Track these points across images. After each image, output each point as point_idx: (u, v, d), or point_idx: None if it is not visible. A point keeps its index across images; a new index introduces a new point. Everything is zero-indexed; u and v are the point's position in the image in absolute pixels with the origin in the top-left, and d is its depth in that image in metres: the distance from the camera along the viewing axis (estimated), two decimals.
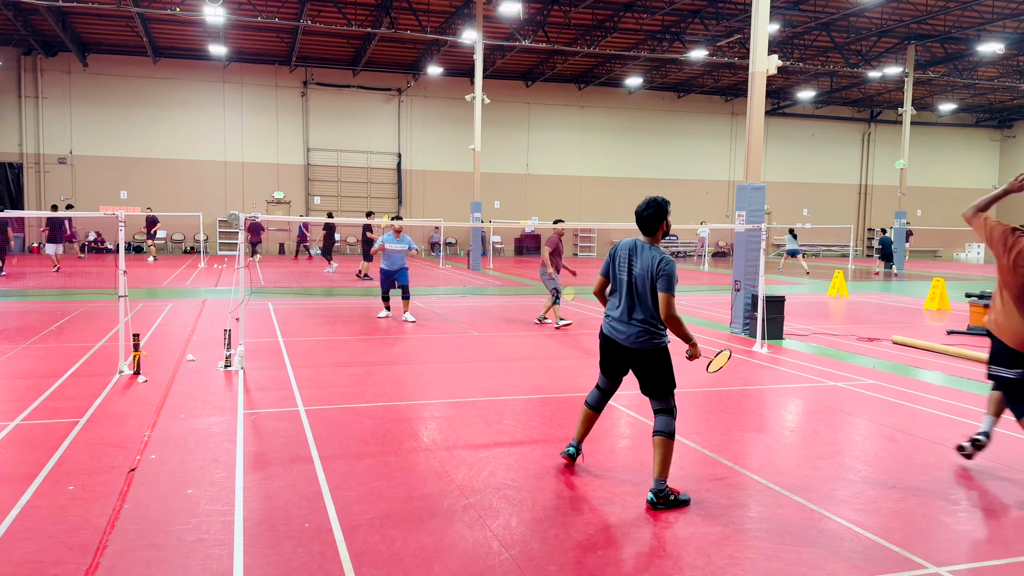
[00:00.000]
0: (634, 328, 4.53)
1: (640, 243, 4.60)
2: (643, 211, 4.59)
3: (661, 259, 4.45)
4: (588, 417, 5.01)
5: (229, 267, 22.64)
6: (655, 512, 4.38)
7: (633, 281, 4.53)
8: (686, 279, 22.27)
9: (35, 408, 6.39)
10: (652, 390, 4.59)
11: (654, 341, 4.52)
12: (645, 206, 4.60)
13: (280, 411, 6.47)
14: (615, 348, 4.67)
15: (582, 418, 5.03)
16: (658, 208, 4.56)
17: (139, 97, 29.37)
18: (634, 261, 4.55)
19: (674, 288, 4.45)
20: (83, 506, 4.31)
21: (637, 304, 4.52)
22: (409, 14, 23.99)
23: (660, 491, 4.42)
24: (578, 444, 5.10)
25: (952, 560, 3.86)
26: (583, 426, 5.04)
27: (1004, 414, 5.25)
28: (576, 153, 34.97)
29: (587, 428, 5.05)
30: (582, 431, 5.06)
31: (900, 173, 29.03)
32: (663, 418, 4.54)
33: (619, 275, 4.63)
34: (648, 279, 4.47)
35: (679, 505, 4.46)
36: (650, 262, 4.47)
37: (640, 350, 4.54)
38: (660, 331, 4.54)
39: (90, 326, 10.81)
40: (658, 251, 4.51)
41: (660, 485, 4.43)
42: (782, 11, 23.17)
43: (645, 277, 4.48)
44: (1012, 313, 4.84)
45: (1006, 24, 24.74)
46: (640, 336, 4.52)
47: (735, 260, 11.73)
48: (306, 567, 3.64)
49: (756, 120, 11.50)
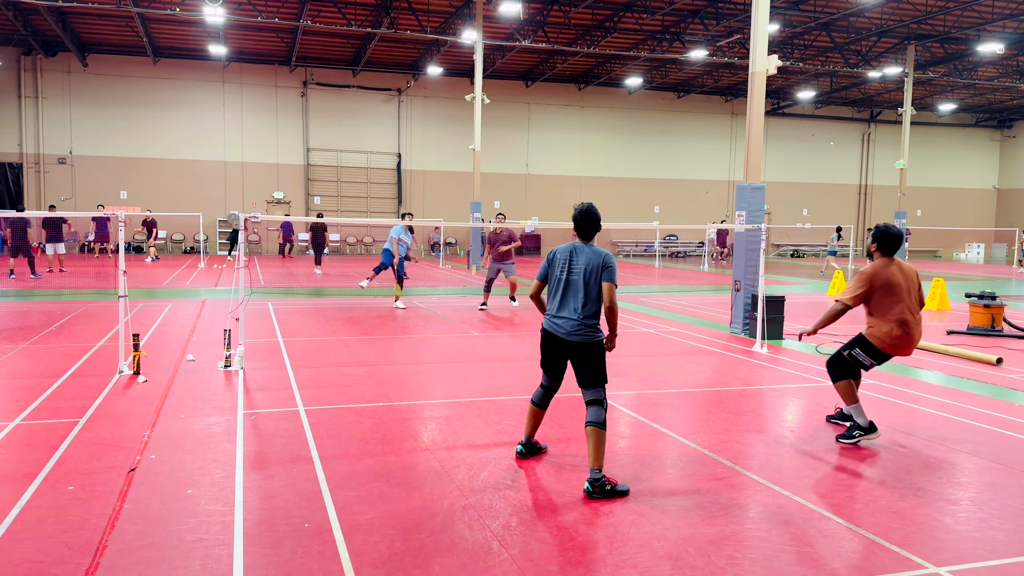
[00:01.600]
0: (573, 323, 4.82)
1: (578, 245, 4.95)
2: (583, 218, 4.94)
3: (604, 255, 4.87)
4: (535, 414, 5.26)
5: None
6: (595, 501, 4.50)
7: (574, 279, 4.87)
8: (686, 279, 22.28)
9: (35, 408, 6.39)
10: (588, 381, 4.84)
11: (592, 333, 4.82)
12: (584, 214, 4.95)
13: (280, 411, 6.47)
14: (555, 343, 4.95)
15: (530, 415, 5.28)
16: (593, 217, 4.97)
17: (139, 97, 29.38)
18: (575, 261, 4.89)
19: (616, 280, 4.84)
20: (83, 506, 4.31)
21: (578, 300, 4.83)
22: (409, 14, 24.00)
23: (596, 480, 4.58)
24: (528, 440, 5.33)
25: (952, 560, 3.86)
26: (531, 422, 5.29)
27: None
28: (576, 153, 34.97)
29: (535, 424, 5.30)
30: (531, 427, 5.31)
31: (900, 173, 29.07)
32: (595, 409, 4.76)
33: (560, 276, 4.94)
34: (593, 273, 4.83)
35: (616, 495, 4.59)
36: (594, 257, 4.85)
37: (578, 343, 4.82)
38: (596, 325, 4.86)
39: (90, 326, 10.81)
40: (599, 249, 4.91)
41: (596, 474, 4.60)
42: (782, 11, 23.18)
43: (589, 272, 4.83)
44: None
45: (1006, 24, 24.74)
46: (579, 329, 4.81)
47: (735, 260, 11.73)
48: (306, 567, 3.64)
49: (756, 120, 11.50)
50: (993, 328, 11.53)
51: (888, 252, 5.88)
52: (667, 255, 34.75)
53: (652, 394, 7.45)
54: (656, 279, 22.26)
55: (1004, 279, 23.66)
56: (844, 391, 5.92)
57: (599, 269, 4.82)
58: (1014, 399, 7.48)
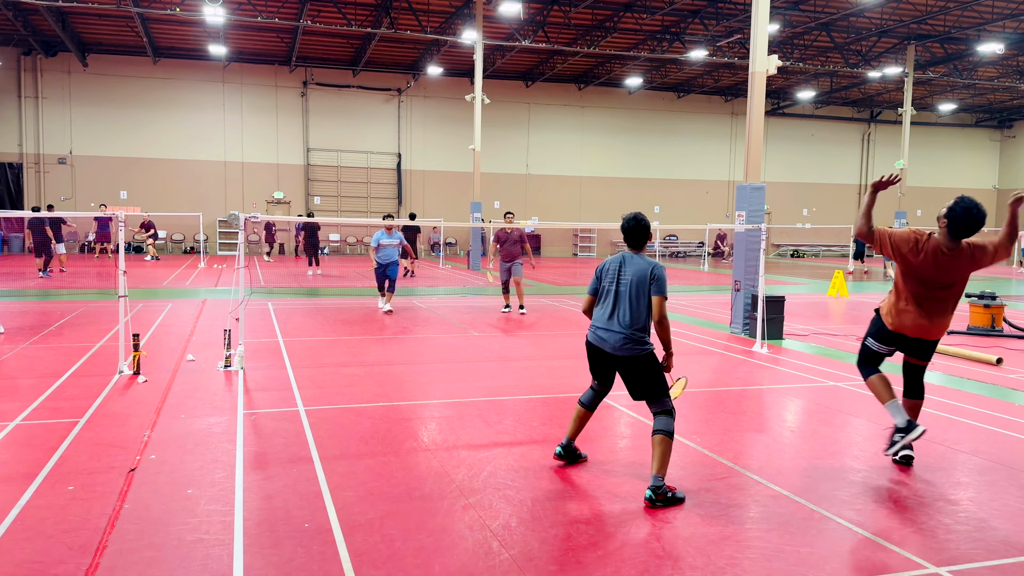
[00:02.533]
0: (619, 336, 4.66)
1: (627, 255, 4.84)
2: (632, 226, 4.84)
3: (654, 266, 4.70)
4: (581, 416, 5.07)
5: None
6: (654, 511, 4.39)
7: (622, 290, 4.72)
8: (686, 279, 22.27)
9: (35, 408, 6.39)
10: (646, 394, 4.68)
11: (639, 347, 4.65)
12: (633, 222, 4.86)
13: (280, 411, 6.47)
14: (601, 355, 4.82)
15: (575, 416, 5.09)
16: (642, 224, 4.85)
17: (139, 97, 29.37)
18: (624, 271, 4.76)
19: (666, 292, 4.67)
20: (83, 506, 4.31)
21: (625, 311, 4.68)
22: (409, 14, 24.00)
23: (658, 488, 4.46)
24: (569, 443, 5.15)
25: (952, 560, 3.86)
26: (576, 425, 5.10)
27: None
28: (576, 153, 34.96)
29: (579, 427, 5.11)
30: (574, 430, 5.12)
31: (900, 173, 29.05)
32: (663, 418, 4.62)
33: (608, 287, 4.81)
34: (642, 284, 4.67)
35: (676, 503, 4.49)
36: (644, 268, 4.70)
37: (626, 357, 4.67)
38: (644, 337, 4.68)
39: (90, 326, 10.81)
40: (648, 259, 4.77)
41: (658, 482, 4.48)
42: (782, 11, 23.17)
43: (638, 283, 4.67)
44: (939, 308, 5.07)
45: (1006, 24, 24.74)
46: (625, 343, 4.65)
47: (735, 260, 11.73)
48: (306, 567, 3.64)
49: (756, 120, 11.50)
50: (993, 328, 11.53)
51: (956, 235, 4.94)
52: (667, 255, 34.75)
53: None
54: None
55: (1004, 279, 23.66)
56: (873, 388, 5.24)
57: (648, 281, 4.66)
58: (1014, 399, 7.48)
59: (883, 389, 5.16)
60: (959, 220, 4.87)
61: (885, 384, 5.18)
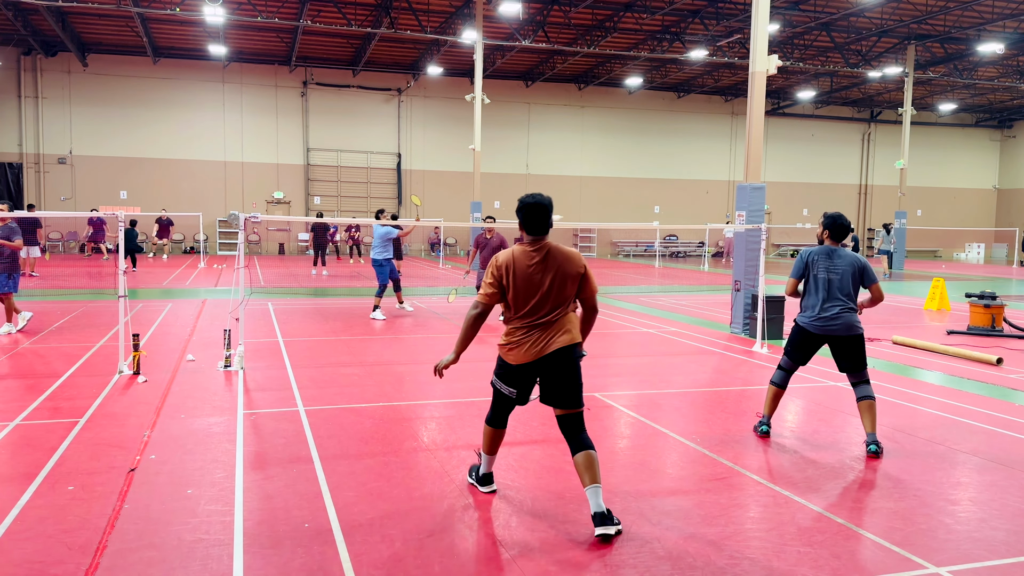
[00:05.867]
0: (839, 318, 5.49)
1: (830, 248, 5.63)
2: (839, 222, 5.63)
3: (857, 256, 5.60)
4: (776, 395, 5.88)
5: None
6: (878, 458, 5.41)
7: (832, 278, 5.53)
8: (686, 279, 22.28)
9: (35, 408, 6.39)
10: (857, 365, 5.58)
11: (856, 326, 5.52)
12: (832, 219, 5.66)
13: (280, 411, 6.47)
14: (814, 340, 5.63)
15: (770, 396, 5.90)
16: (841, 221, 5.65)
17: (139, 97, 29.37)
18: (834, 262, 5.56)
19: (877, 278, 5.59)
20: (83, 506, 4.31)
21: (838, 295, 5.51)
22: (409, 14, 24.00)
23: (876, 441, 5.47)
24: (768, 419, 5.97)
25: (952, 560, 3.86)
26: (771, 403, 5.91)
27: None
28: (576, 153, 34.96)
29: (775, 404, 5.92)
30: (771, 408, 5.93)
31: (900, 173, 29.05)
32: (866, 385, 5.58)
33: (819, 275, 5.59)
34: (853, 272, 5.52)
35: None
36: (852, 259, 5.57)
37: (845, 336, 5.52)
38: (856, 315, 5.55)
39: (90, 326, 10.81)
40: (850, 251, 5.61)
41: (874, 438, 5.47)
42: (782, 11, 23.17)
43: (850, 271, 5.51)
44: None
45: (1006, 24, 24.74)
46: (845, 322, 5.49)
47: (735, 260, 11.73)
48: (306, 567, 3.64)
49: (756, 120, 11.50)
50: (993, 328, 11.53)
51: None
52: (667, 255, 34.74)
53: (652, 394, 7.45)
54: (656, 279, 22.26)
55: (1004, 279, 23.66)
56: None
57: (859, 270, 5.52)
58: (1014, 399, 7.48)
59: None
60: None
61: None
